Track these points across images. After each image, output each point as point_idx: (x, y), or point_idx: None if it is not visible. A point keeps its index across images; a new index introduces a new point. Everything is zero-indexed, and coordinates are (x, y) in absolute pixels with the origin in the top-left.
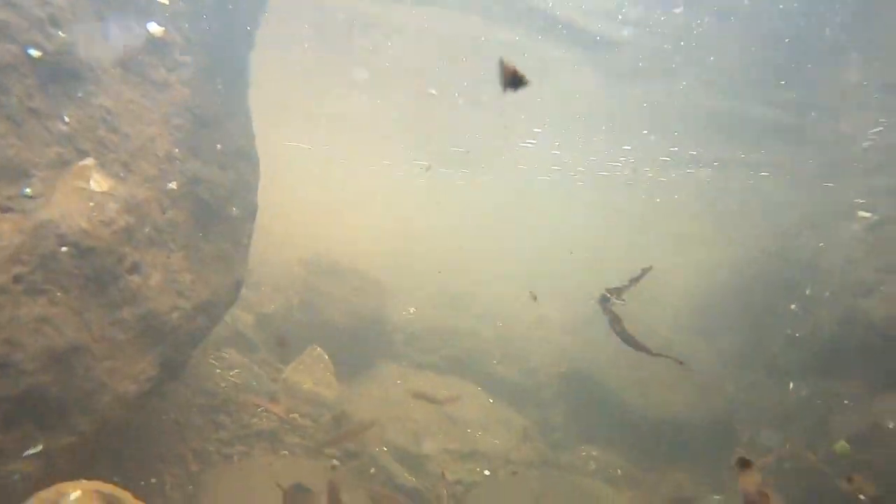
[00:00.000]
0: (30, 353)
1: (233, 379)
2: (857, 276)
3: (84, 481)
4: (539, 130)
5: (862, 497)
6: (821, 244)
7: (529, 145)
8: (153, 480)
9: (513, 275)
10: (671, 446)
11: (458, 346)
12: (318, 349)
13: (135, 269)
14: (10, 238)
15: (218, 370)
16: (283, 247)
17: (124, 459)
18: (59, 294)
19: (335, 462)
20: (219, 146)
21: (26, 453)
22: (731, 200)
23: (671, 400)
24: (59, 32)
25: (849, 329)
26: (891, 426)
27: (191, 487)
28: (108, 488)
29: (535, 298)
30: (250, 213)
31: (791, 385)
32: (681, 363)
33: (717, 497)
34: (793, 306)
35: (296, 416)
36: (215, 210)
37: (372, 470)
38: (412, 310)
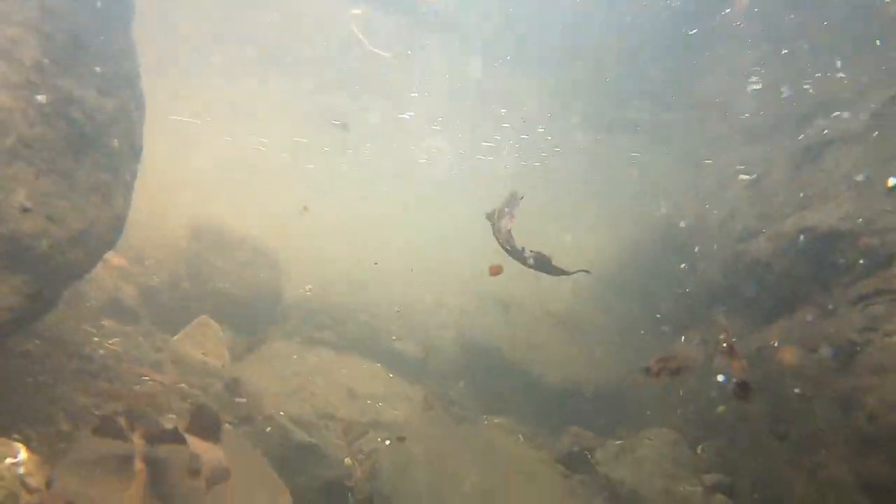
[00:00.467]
0: None
1: (112, 347)
2: (740, 225)
3: None
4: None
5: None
6: (706, 206)
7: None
8: (15, 436)
9: (403, 259)
10: (572, 412)
11: (356, 323)
12: (208, 318)
13: None
14: None
15: (95, 338)
16: (167, 219)
17: None
18: None
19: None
20: (98, 69)
21: None
22: (613, 181)
23: (570, 369)
24: None
25: (734, 271)
26: (775, 344)
27: (62, 444)
28: None
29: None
30: (134, 150)
31: (682, 338)
32: (588, 272)
33: (618, 442)
34: (682, 265)
35: (183, 385)
36: (92, 137)
37: (268, 429)
38: (308, 287)
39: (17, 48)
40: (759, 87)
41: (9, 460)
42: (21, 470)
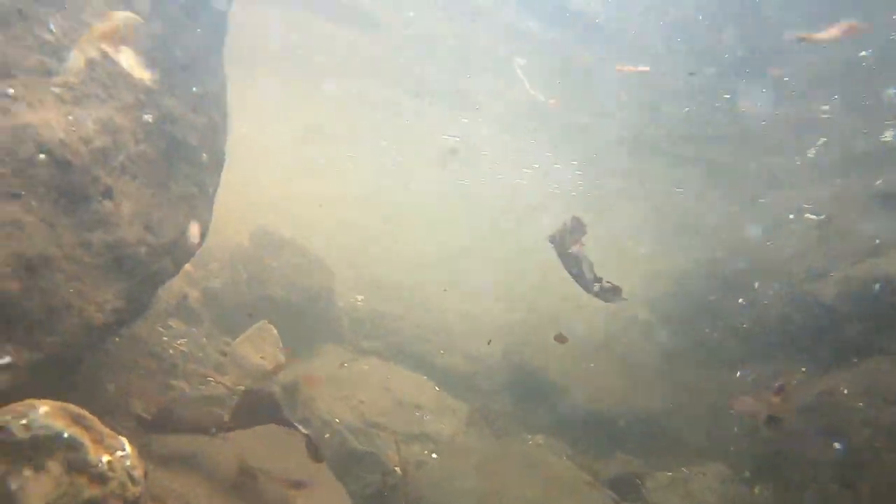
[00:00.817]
0: (2, 256)
1: (181, 348)
2: (806, 264)
3: (50, 400)
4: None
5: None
6: (769, 243)
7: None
8: None
9: (448, 273)
10: (616, 436)
11: (403, 335)
12: (267, 323)
13: (107, 193)
14: None
15: (165, 338)
16: (228, 224)
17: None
18: (33, 202)
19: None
20: (194, 89)
21: None
22: (672, 216)
23: (609, 392)
24: None
25: (797, 312)
26: (845, 391)
27: (143, 438)
28: (74, 408)
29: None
30: (218, 162)
31: (738, 373)
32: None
33: (669, 474)
34: (740, 300)
35: (243, 387)
36: (186, 152)
37: (326, 435)
38: (360, 298)
39: (132, 73)
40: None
41: (118, 453)
42: (127, 462)
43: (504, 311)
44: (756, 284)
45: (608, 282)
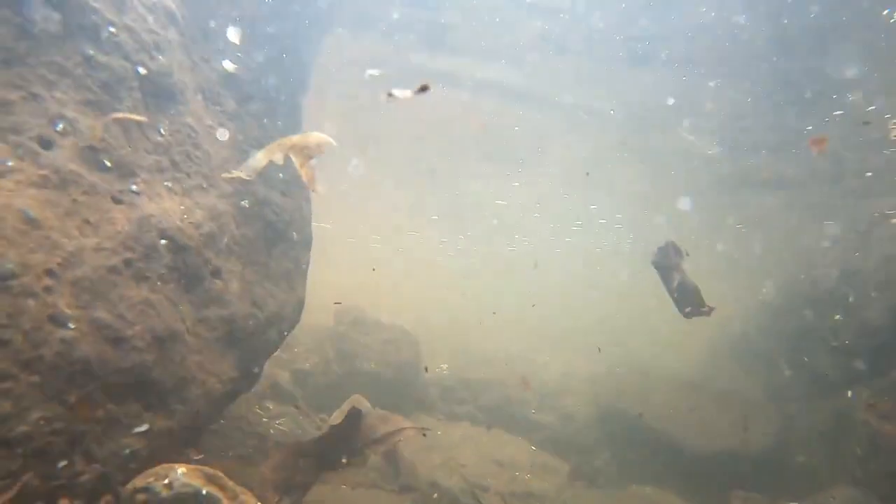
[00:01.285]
0: (137, 331)
1: (280, 427)
2: None
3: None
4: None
5: None
6: (856, 253)
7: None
8: None
9: (527, 335)
10: (723, 479)
11: (493, 397)
12: (360, 396)
13: (217, 273)
14: (122, 225)
15: (264, 419)
16: (311, 309)
17: None
18: (158, 283)
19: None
20: (281, 175)
21: (135, 430)
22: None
23: (716, 432)
24: (160, 56)
25: None
26: None
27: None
28: (209, 469)
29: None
30: (307, 241)
31: (850, 393)
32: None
33: (794, 503)
34: (836, 316)
35: (344, 459)
36: (280, 232)
37: (434, 495)
38: (444, 366)
39: (229, 165)
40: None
41: None
42: None
43: (594, 364)
44: (850, 297)
45: (709, 306)
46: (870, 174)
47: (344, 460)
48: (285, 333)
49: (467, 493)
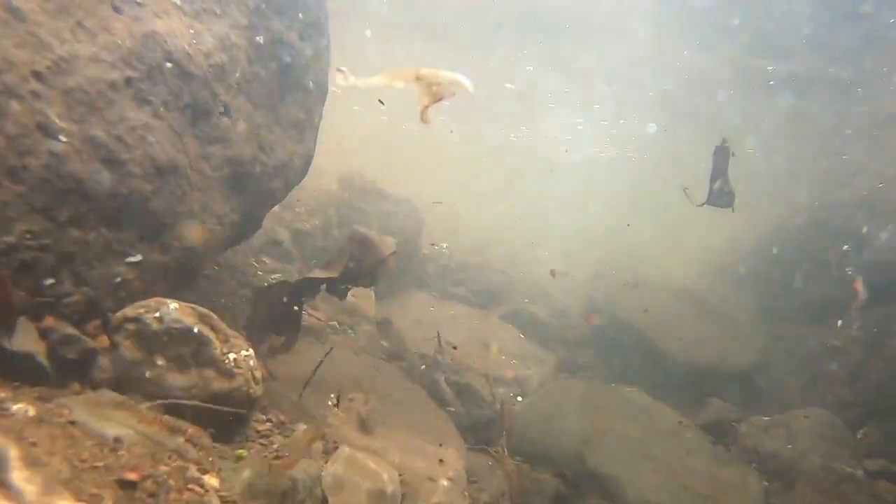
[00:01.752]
0: (136, 156)
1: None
2: None
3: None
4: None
5: None
6: (879, 185)
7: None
8: None
9: (530, 231)
10: (701, 388)
11: (488, 282)
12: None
13: (225, 110)
14: (123, 38)
15: (260, 272)
16: (318, 173)
17: None
18: (161, 109)
19: None
20: (301, 15)
21: (128, 259)
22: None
23: (702, 344)
24: None
25: None
26: None
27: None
28: (201, 308)
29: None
30: (322, 92)
31: (840, 322)
32: None
33: (766, 418)
34: (845, 246)
35: (335, 323)
36: (295, 77)
37: (423, 367)
38: (445, 245)
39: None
40: None
41: (243, 352)
42: (251, 362)
43: (591, 265)
44: (864, 229)
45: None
46: None
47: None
48: (291, 186)
49: (452, 370)
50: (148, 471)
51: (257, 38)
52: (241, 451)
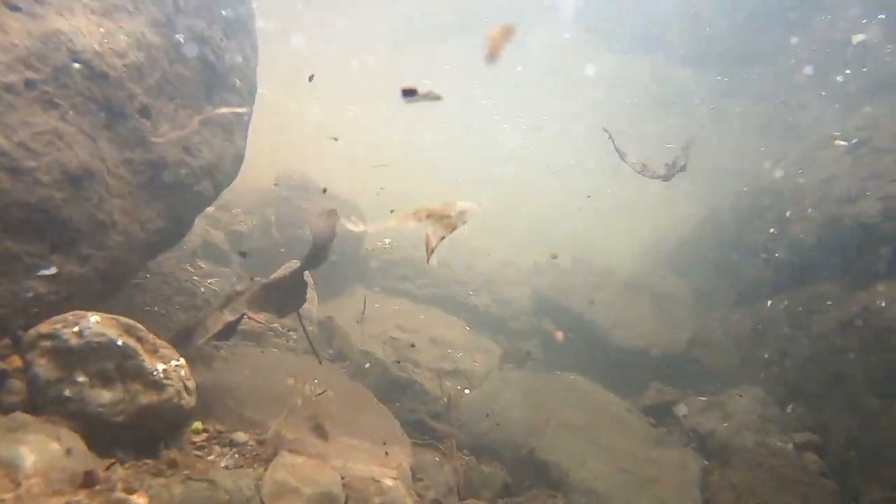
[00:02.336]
0: (44, 163)
1: (211, 286)
2: (841, 188)
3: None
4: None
5: None
6: (799, 170)
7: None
8: None
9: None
10: (649, 370)
11: (433, 276)
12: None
13: (144, 111)
14: (19, 38)
15: (195, 277)
16: (252, 172)
17: None
18: (71, 113)
19: None
20: (223, 12)
21: (41, 272)
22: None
23: (643, 329)
24: None
25: (834, 234)
26: (882, 304)
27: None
28: (126, 319)
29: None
30: (251, 91)
31: (769, 302)
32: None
33: (703, 399)
34: (772, 230)
35: (277, 325)
36: (220, 76)
37: (367, 364)
38: (387, 240)
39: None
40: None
41: (173, 363)
42: (182, 372)
43: (534, 255)
44: (787, 213)
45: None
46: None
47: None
48: (221, 187)
49: (398, 367)
50: (66, 498)
51: (177, 36)
52: (171, 464)
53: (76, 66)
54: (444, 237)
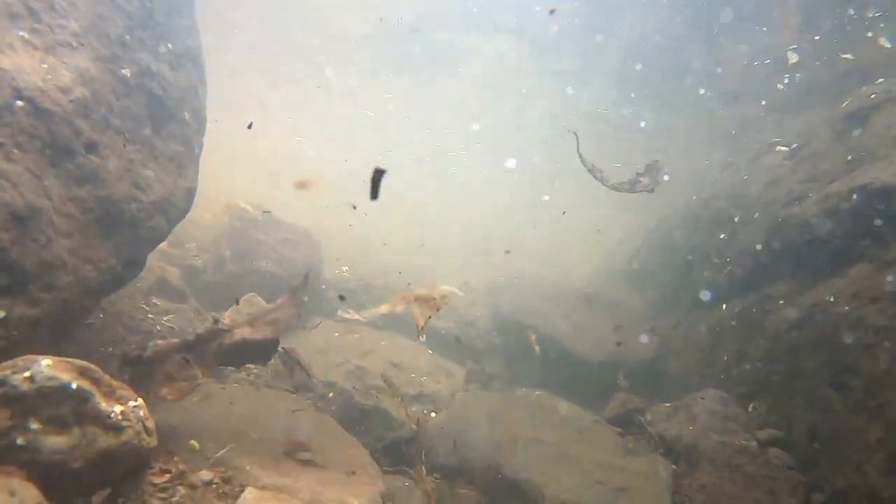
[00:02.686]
0: None
1: (168, 323)
2: (783, 191)
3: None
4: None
5: None
6: (744, 177)
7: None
8: None
9: (427, 246)
10: (607, 384)
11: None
12: (254, 295)
13: (92, 148)
14: None
15: (151, 315)
16: (206, 208)
17: None
18: (15, 151)
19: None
20: (169, 45)
21: None
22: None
23: (604, 342)
24: None
25: (780, 235)
26: (831, 300)
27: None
28: (80, 361)
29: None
30: (200, 123)
31: (724, 306)
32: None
33: (668, 404)
34: (722, 235)
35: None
36: (168, 109)
37: (330, 394)
38: (345, 268)
39: (104, 23)
40: (795, 60)
41: (131, 403)
42: (141, 413)
43: (492, 275)
44: (736, 218)
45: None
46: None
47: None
48: (174, 222)
49: (363, 394)
50: None
51: (122, 70)
52: None
53: (19, 103)
54: (430, 316)
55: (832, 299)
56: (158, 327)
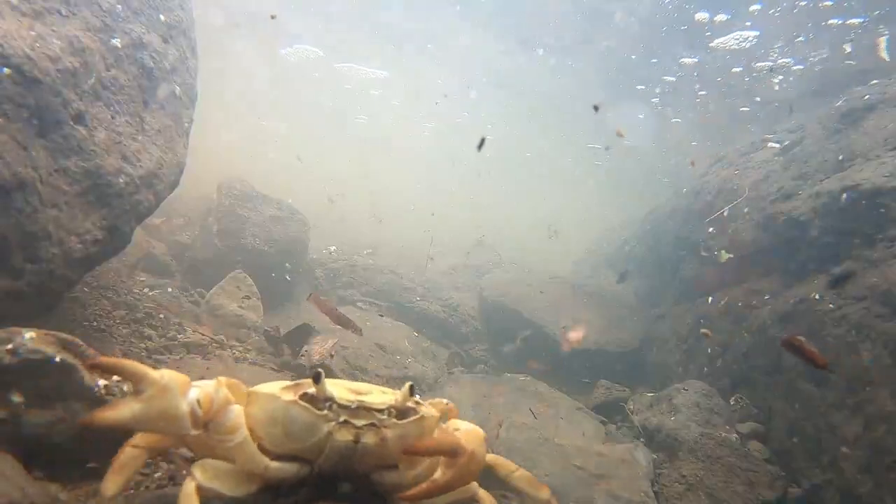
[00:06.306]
0: None
1: (153, 298)
2: (773, 187)
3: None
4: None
5: None
6: (735, 171)
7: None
8: None
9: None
10: (596, 371)
11: (379, 283)
12: (241, 272)
13: (80, 118)
14: None
15: (136, 289)
16: (197, 183)
17: None
18: (0, 120)
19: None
20: (161, 17)
21: None
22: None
23: (590, 329)
24: None
25: (768, 231)
26: (816, 297)
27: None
28: (63, 335)
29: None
30: (191, 98)
31: (710, 299)
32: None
33: (650, 394)
34: (710, 229)
35: (222, 336)
36: (158, 81)
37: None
38: (332, 248)
39: None
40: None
41: (115, 378)
42: (125, 388)
43: (465, 262)
44: (725, 212)
45: None
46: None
47: None
48: (162, 197)
49: (348, 376)
50: None
51: (113, 40)
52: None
53: (6, 71)
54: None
55: (817, 296)
56: (143, 301)
